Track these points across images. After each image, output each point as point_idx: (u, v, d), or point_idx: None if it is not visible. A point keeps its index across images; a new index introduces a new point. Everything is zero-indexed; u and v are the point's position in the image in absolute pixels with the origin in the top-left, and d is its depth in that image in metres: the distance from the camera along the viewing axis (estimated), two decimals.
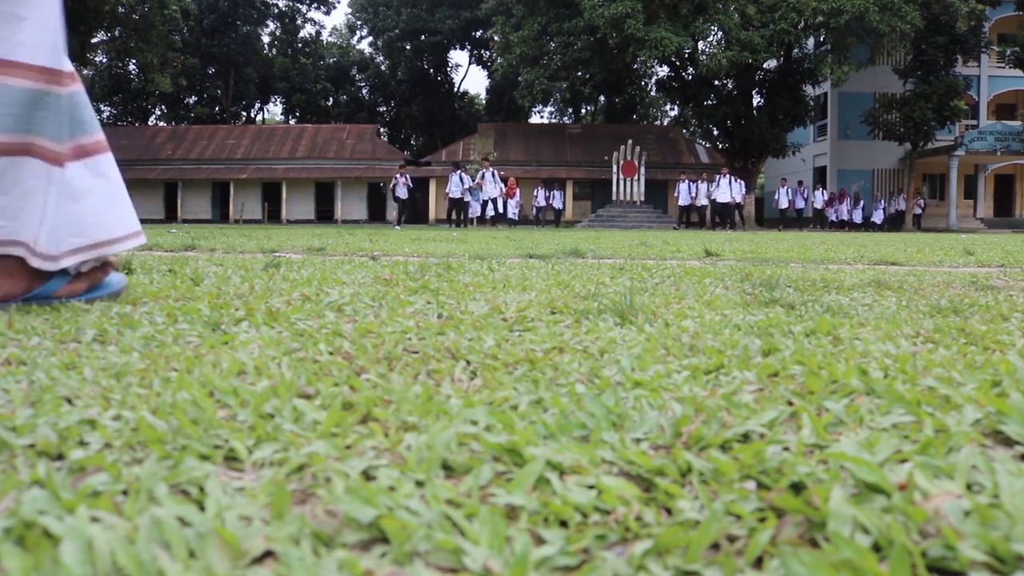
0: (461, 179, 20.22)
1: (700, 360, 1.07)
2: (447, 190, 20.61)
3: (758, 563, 0.49)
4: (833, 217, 28.00)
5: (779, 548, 0.49)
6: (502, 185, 21.27)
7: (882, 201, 29.23)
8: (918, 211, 29.43)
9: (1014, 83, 31.22)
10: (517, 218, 22.95)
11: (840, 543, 0.48)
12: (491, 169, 21.22)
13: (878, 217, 28.46)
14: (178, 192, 33.77)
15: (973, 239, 10.03)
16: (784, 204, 25.79)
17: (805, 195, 26.88)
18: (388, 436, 0.71)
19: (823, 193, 27.79)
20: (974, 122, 31.47)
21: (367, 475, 0.61)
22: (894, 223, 28.58)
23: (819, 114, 33.05)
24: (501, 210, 21.84)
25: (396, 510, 0.53)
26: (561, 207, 26.53)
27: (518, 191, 22.68)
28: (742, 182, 22.95)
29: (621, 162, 24.63)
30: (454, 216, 20.29)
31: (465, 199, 20.70)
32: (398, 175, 22.55)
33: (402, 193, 22.10)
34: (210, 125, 39.09)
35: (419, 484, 0.59)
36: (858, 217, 28.12)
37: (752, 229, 22.84)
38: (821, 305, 1.71)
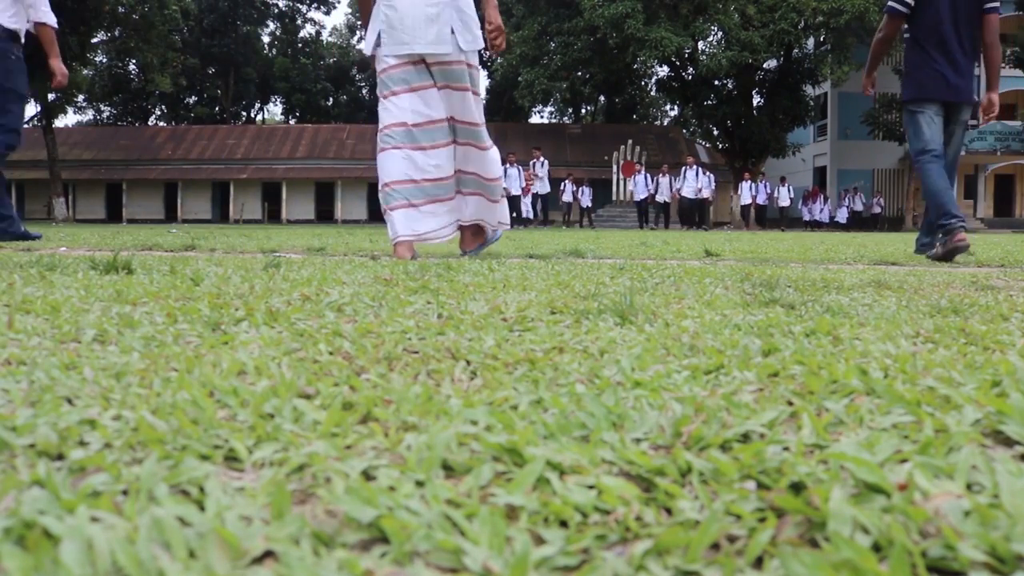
0: (518, 172, 18.39)
1: (700, 360, 1.07)
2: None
3: (758, 563, 0.49)
4: (807, 216, 27.01)
5: (779, 548, 0.49)
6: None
7: (846, 200, 28.36)
8: (878, 210, 29.17)
9: (1014, 83, 31.20)
10: (531, 216, 21.13)
11: (840, 543, 0.48)
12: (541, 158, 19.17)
13: (842, 216, 27.53)
14: (178, 192, 33.76)
15: (973, 239, 10.03)
16: (747, 200, 24.00)
17: (768, 191, 24.82)
18: (388, 436, 0.71)
19: (789, 189, 26.03)
20: (974, 122, 31.44)
21: (367, 475, 0.61)
22: (854, 222, 27.70)
23: (819, 114, 33.05)
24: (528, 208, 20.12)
25: (396, 510, 0.53)
26: (590, 204, 24.45)
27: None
28: (711, 175, 21.39)
29: (621, 162, 24.59)
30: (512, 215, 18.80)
31: (536, 190, 18.55)
32: None
33: None
34: (210, 125, 39.11)
35: (419, 484, 0.59)
36: (824, 215, 26.93)
37: (754, 230, 21.96)
38: (821, 305, 1.71)
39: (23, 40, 4.46)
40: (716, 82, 28.38)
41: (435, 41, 3.14)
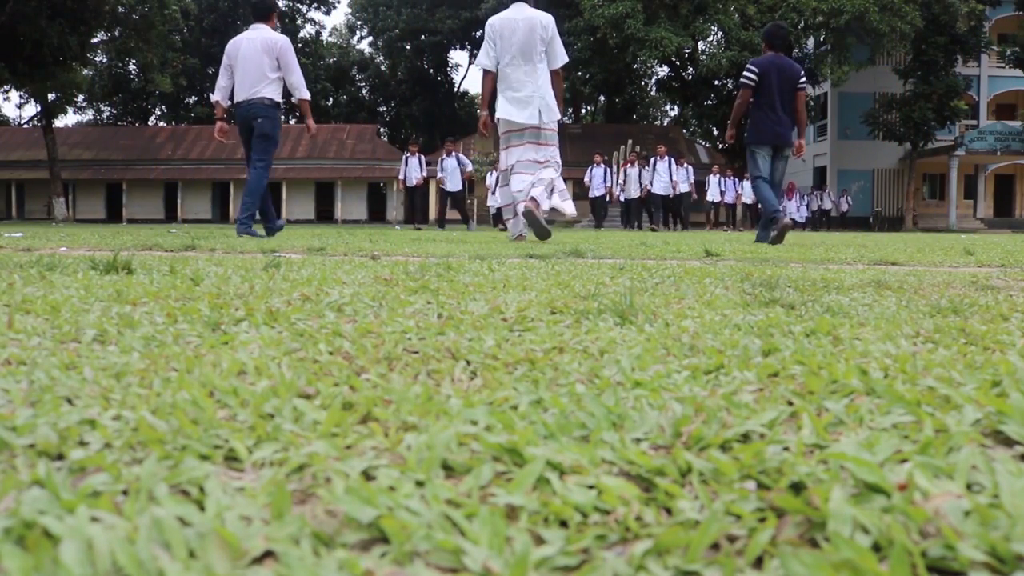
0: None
1: (700, 360, 1.07)
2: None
3: (758, 563, 0.49)
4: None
5: (779, 548, 0.49)
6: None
7: (805, 198, 26.62)
8: (845, 207, 28.81)
9: (1014, 83, 31.22)
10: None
11: (840, 543, 0.48)
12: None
13: (800, 216, 25.13)
14: (178, 192, 33.76)
15: (973, 239, 10.03)
16: (715, 196, 21.51)
17: (737, 187, 22.26)
18: (388, 436, 0.71)
19: None
20: (974, 122, 31.48)
21: (367, 475, 0.61)
22: (819, 222, 26.82)
23: (819, 114, 33.07)
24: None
25: (396, 510, 0.53)
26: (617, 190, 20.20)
27: None
28: (689, 167, 18.87)
29: (621, 162, 24.52)
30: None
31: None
32: (447, 154, 15.78)
33: (454, 185, 15.52)
34: (210, 125, 39.01)
35: (419, 484, 0.59)
36: (799, 215, 25.17)
37: (715, 230, 20.00)
38: (821, 305, 1.71)
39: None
40: (716, 82, 28.40)
41: (529, 117, 6.14)
